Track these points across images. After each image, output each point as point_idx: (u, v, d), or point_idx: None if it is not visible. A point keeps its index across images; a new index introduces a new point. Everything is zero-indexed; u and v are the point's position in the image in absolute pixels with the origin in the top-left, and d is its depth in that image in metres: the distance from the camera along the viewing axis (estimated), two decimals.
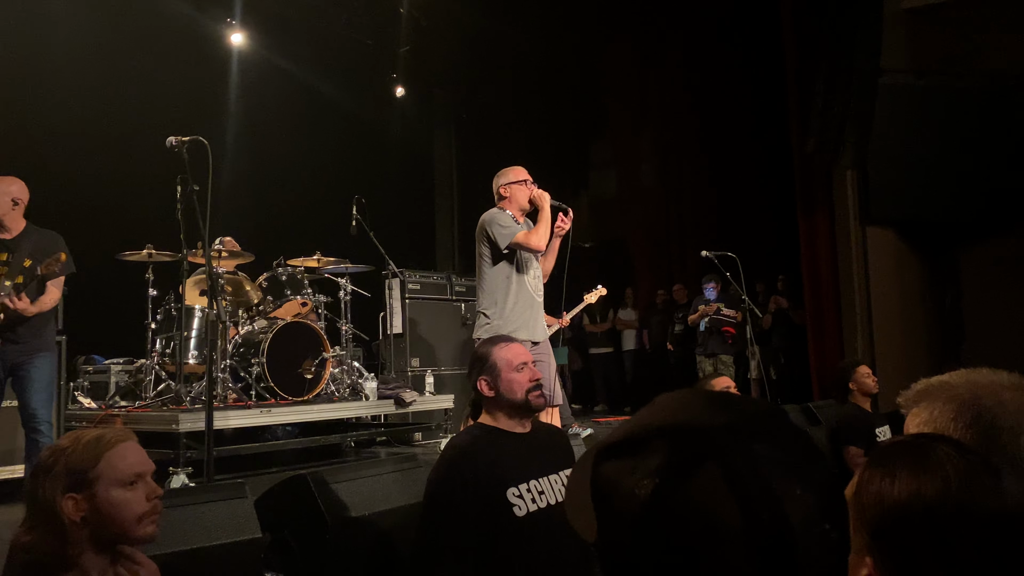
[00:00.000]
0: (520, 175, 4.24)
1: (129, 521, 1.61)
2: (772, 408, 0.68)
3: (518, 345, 2.51)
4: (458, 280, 7.79)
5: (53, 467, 1.60)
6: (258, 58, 9.31)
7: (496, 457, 2.35)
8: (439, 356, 7.34)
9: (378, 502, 2.88)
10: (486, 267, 4.08)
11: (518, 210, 4.19)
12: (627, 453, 0.64)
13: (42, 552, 1.57)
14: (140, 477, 1.65)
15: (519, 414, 2.45)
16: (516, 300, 4.03)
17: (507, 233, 4.01)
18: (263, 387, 5.64)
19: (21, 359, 4.00)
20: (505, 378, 2.41)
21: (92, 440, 1.64)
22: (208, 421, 3.31)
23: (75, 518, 1.57)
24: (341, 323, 6.62)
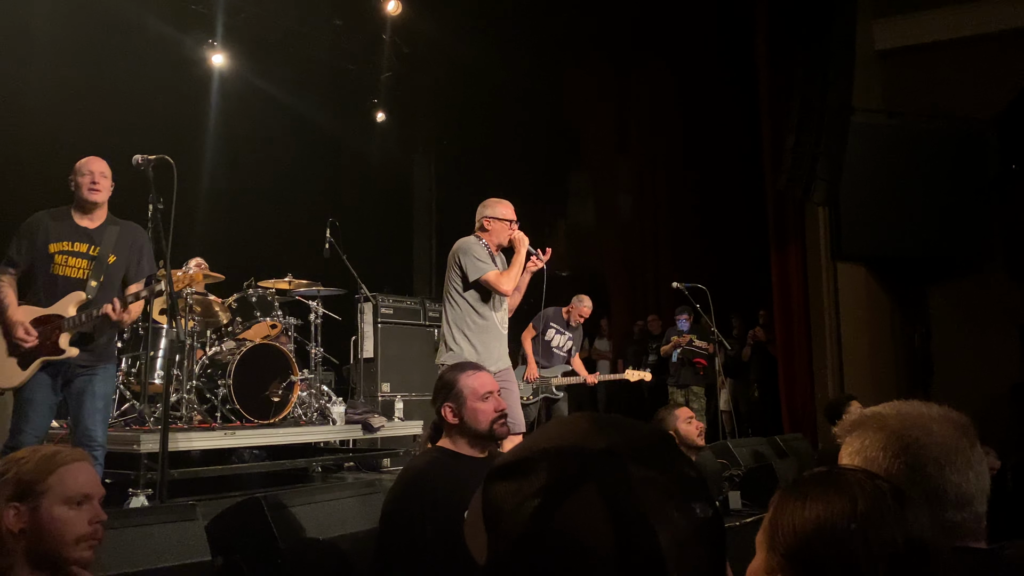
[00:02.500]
0: (507, 213, 4.18)
1: (67, 541, 1.59)
2: (658, 432, 0.69)
3: (485, 374, 2.50)
4: (432, 306, 7.79)
5: (3, 475, 1.60)
6: (239, 79, 9.34)
7: (454, 481, 2.33)
8: (410, 381, 7.31)
9: (334, 526, 2.85)
10: (454, 294, 4.06)
11: (495, 244, 4.15)
12: (514, 475, 0.65)
13: None
14: (87, 499, 1.64)
15: (482, 442, 2.45)
16: (482, 330, 4.02)
17: (480, 268, 3.97)
18: (229, 409, 5.58)
19: (80, 372, 3.60)
20: (471, 407, 2.40)
21: (48, 455, 1.65)
22: (163, 441, 3.27)
23: (13, 528, 1.56)
24: (311, 346, 6.58)
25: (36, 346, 3.47)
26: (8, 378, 3.47)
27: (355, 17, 9.21)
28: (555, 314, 6.71)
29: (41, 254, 3.54)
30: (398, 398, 6.90)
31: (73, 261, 3.57)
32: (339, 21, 9.13)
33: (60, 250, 3.56)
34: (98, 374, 3.63)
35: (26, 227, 3.61)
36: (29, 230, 3.59)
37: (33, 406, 3.46)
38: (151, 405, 5.42)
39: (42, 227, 3.58)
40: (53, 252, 3.55)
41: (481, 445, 2.45)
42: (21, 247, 3.56)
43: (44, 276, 3.54)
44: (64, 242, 3.58)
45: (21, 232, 3.60)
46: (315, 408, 6.21)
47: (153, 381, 5.63)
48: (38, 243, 3.55)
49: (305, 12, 8.93)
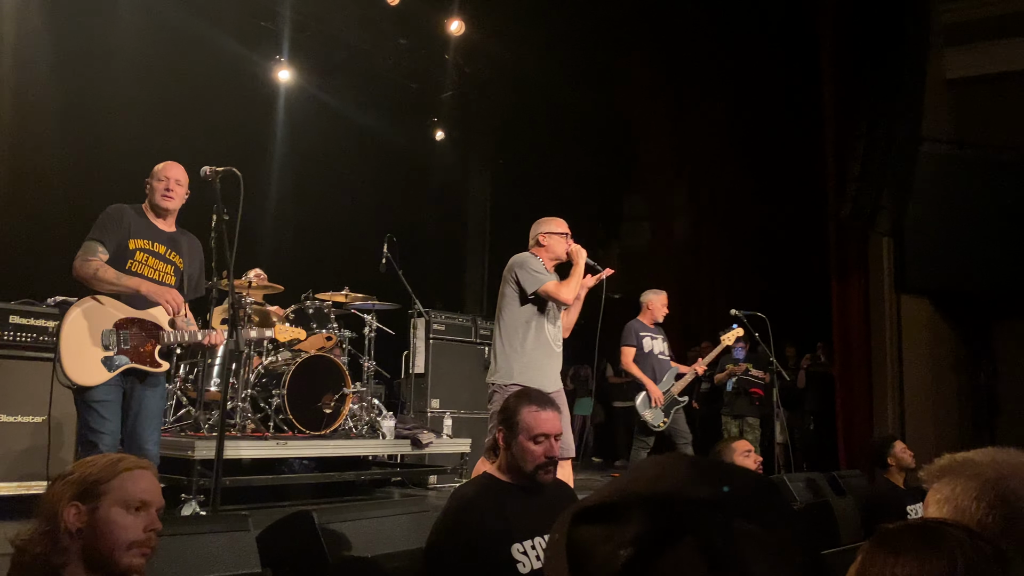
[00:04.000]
0: (561, 227, 4.23)
1: (120, 545, 1.61)
2: (761, 481, 0.65)
3: (549, 414, 2.40)
4: (483, 323, 7.78)
5: (70, 474, 1.65)
6: (303, 95, 9.54)
7: (502, 511, 2.30)
8: (459, 398, 7.31)
9: (382, 544, 2.83)
10: (508, 309, 4.04)
11: (551, 260, 4.16)
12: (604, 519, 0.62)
13: (32, 554, 1.58)
14: (145, 506, 1.66)
15: (523, 480, 2.40)
16: (534, 346, 3.98)
17: (538, 279, 3.97)
18: (282, 419, 5.64)
19: (143, 383, 3.44)
20: (520, 443, 2.36)
21: (114, 459, 1.69)
22: (219, 450, 3.30)
23: (72, 527, 1.58)
24: (364, 359, 6.63)
25: (129, 351, 3.33)
26: (90, 375, 3.30)
27: (419, 36, 9.34)
28: (638, 323, 6.30)
29: (122, 247, 3.41)
30: (447, 415, 6.89)
31: (152, 261, 3.47)
32: (403, 40, 9.26)
33: (141, 247, 3.46)
34: (158, 388, 3.54)
35: (113, 215, 3.47)
36: (115, 218, 3.45)
37: (108, 408, 3.33)
38: (206, 412, 5.51)
39: (126, 219, 3.46)
40: (134, 248, 3.44)
41: (522, 482, 2.40)
42: (108, 232, 3.40)
43: (121, 271, 3.38)
44: (144, 240, 3.47)
45: (109, 218, 3.45)
46: (366, 421, 6.25)
47: (209, 388, 5.73)
48: (122, 234, 3.42)
49: (370, 31, 9.09)
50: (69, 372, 3.27)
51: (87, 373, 3.28)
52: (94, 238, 3.38)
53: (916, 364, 7.46)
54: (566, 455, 3.93)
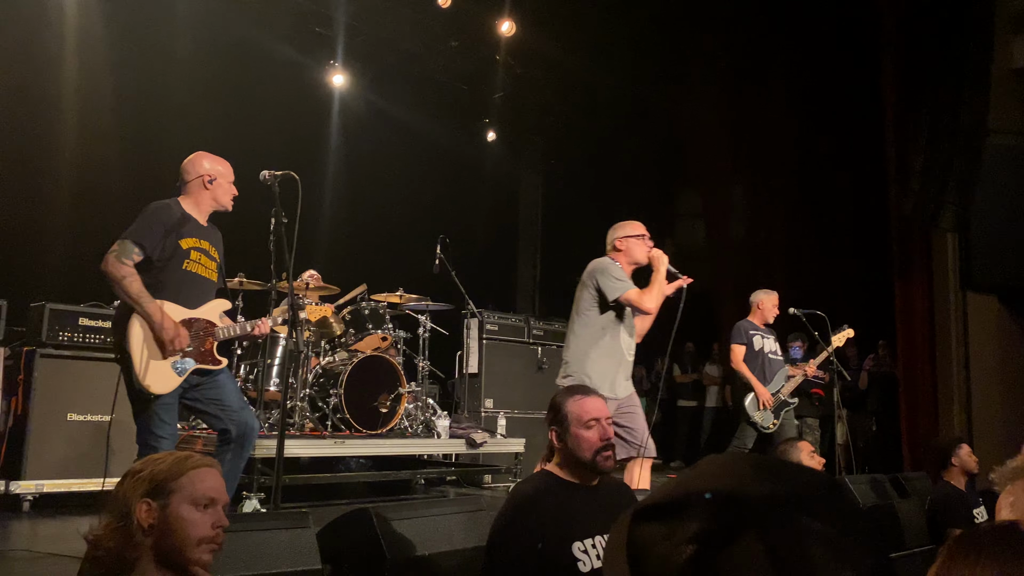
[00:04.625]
0: (639, 230, 4.18)
1: (190, 541, 1.65)
2: (827, 480, 0.63)
3: (594, 400, 2.43)
4: (536, 323, 7.79)
5: (140, 472, 1.70)
6: (357, 99, 9.68)
7: (562, 509, 2.30)
8: (513, 398, 7.32)
9: (440, 543, 2.85)
10: (583, 315, 4.01)
11: (629, 264, 4.11)
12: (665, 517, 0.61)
13: (106, 549, 1.63)
14: (213, 503, 1.70)
15: (584, 471, 2.39)
16: (607, 353, 3.96)
17: (619, 287, 3.92)
18: (339, 418, 5.73)
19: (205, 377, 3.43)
20: (573, 433, 2.36)
21: (182, 457, 1.74)
22: (280, 448, 3.37)
23: (144, 523, 1.63)
24: (418, 359, 6.69)
25: (192, 353, 3.33)
26: (164, 382, 3.29)
27: (470, 38, 9.39)
28: (747, 323, 6.09)
29: (173, 246, 3.31)
30: (501, 414, 6.92)
31: (204, 260, 3.40)
32: (455, 42, 9.32)
33: (194, 246, 3.38)
34: (224, 372, 3.51)
35: (159, 215, 3.35)
36: (160, 219, 3.33)
37: (170, 411, 3.33)
38: (266, 412, 5.63)
39: (173, 218, 3.36)
40: (187, 248, 3.36)
41: (584, 474, 2.39)
42: (154, 233, 3.28)
43: (178, 271, 3.31)
44: (194, 239, 3.40)
45: (153, 218, 3.33)
46: (421, 421, 6.30)
47: (269, 388, 5.86)
48: (171, 234, 3.31)
49: (423, 34, 9.17)
50: (144, 381, 3.24)
51: (161, 380, 3.27)
52: (132, 239, 3.27)
53: (983, 364, 7.21)
54: (649, 454, 3.90)
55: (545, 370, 7.57)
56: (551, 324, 7.91)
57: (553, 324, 7.92)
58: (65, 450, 4.99)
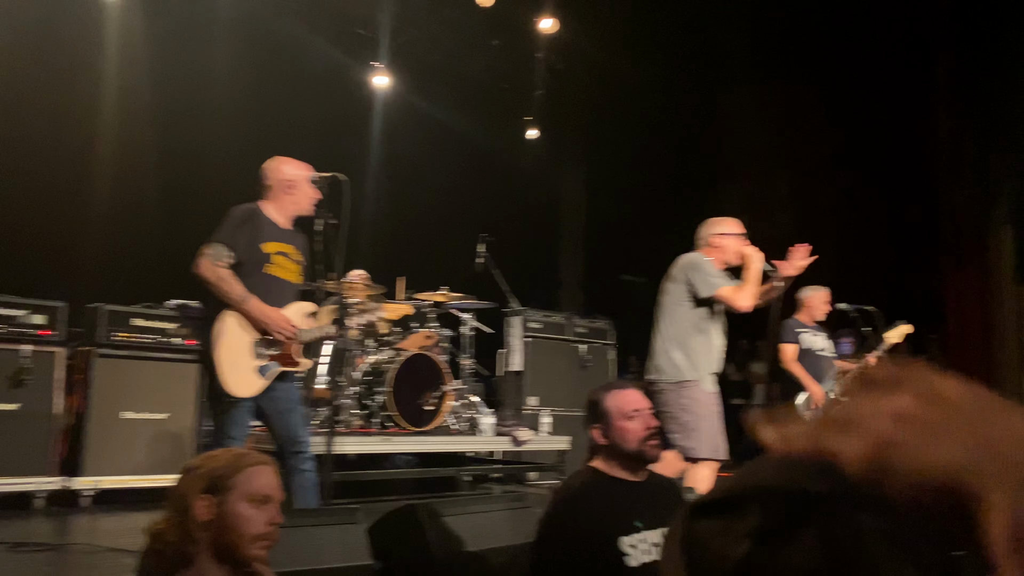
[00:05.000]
0: (735, 228, 4.16)
1: (246, 537, 1.69)
2: None
3: (632, 392, 2.45)
4: (579, 321, 7.77)
5: (198, 468, 1.75)
6: (398, 99, 9.76)
7: (610, 504, 2.30)
8: (557, 396, 7.32)
9: (486, 539, 2.88)
10: (676, 310, 3.98)
11: (722, 262, 4.08)
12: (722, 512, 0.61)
13: (167, 543, 1.68)
14: (268, 500, 1.74)
15: (633, 463, 2.39)
16: (703, 350, 3.94)
17: (714, 283, 3.90)
18: (386, 415, 5.79)
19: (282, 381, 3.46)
20: (617, 426, 2.36)
21: (238, 454, 1.79)
22: (329, 445, 3.43)
23: (202, 519, 1.68)
24: (462, 357, 6.73)
25: (276, 356, 3.37)
26: (247, 385, 3.32)
27: (510, 36, 9.40)
28: (795, 321, 5.95)
29: (255, 250, 3.35)
30: (545, 412, 6.92)
31: (285, 263, 3.44)
32: (496, 41, 9.35)
33: (277, 250, 3.43)
34: (294, 382, 3.55)
35: (243, 217, 3.40)
36: (245, 220, 3.39)
37: (243, 412, 3.37)
38: (314, 408, 5.72)
39: (256, 221, 3.41)
40: (268, 252, 3.40)
41: (633, 466, 2.39)
42: (239, 236, 3.32)
43: (258, 275, 3.34)
44: (277, 242, 3.43)
45: (236, 221, 3.38)
46: (465, 418, 6.34)
47: (316, 386, 5.94)
48: (253, 238, 3.36)
49: (464, 33, 9.21)
50: (228, 385, 3.28)
51: (244, 384, 3.31)
52: (222, 241, 3.31)
53: None
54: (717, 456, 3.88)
55: (589, 368, 7.54)
56: (594, 322, 7.88)
57: (596, 322, 7.90)
58: (121, 447, 5.13)
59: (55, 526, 4.61)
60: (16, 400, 4.85)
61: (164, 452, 5.27)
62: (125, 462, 5.14)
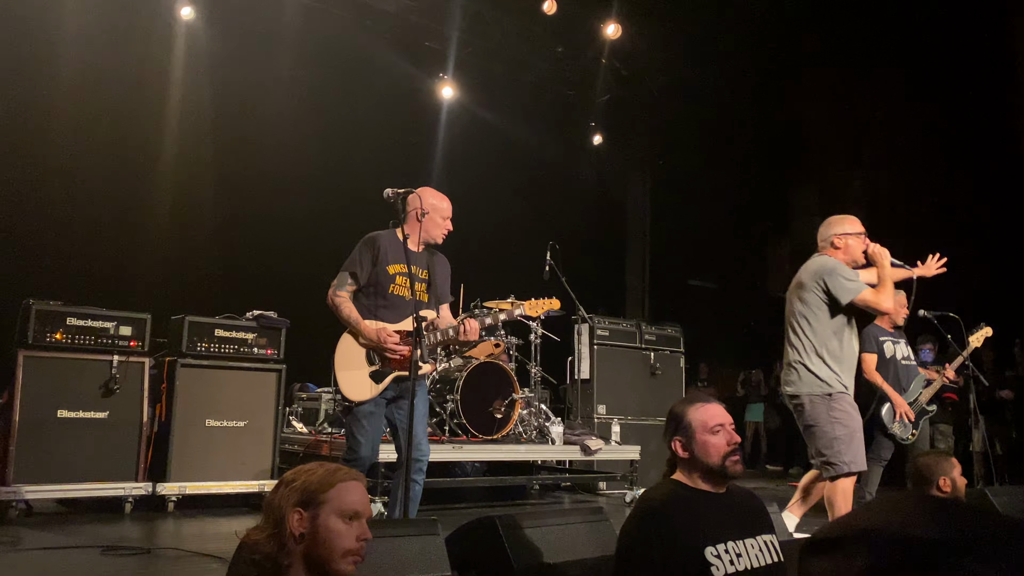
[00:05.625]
0: (858, 227, 4.00)
1: (336, 552, 1.72)
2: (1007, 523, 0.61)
3: (716, 406, 2.41)
4: (648, 328, 7.70)
5: (292, 482, 1.78)
6: (465, 108, 9.86)
7: (693, 514, 2.28)
8: (626, 404, 7.27)
9: (564, 551, 2.87)
10: (812, 318, 3.83)
11: (847, 263, 3.91)
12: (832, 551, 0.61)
13: (261, 553, 1.72)
14: (358, 516, 1.77)
15: (715, 478, 2.36)
16: (846, 356, 3.81)
17: (853, 288, 3.75)
18: (456, 423, 5.85)
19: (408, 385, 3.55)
20: (700, 440, 2.33)
21: (332, 469, 1.81)
22: (407, 454, 3.48)
23: (296, 531, 1.72)
24: (530, 365, 6.75)
25: (392, 363, 3.62)
26: (361, 391, 3.62)
27: (575, 43, 9.41)
28: (875, 327, 5.67)
29: (381, 272, 3.68)
30: (614, 421, 6.88)
31: (408, 283, 3.67)
32: (561, 48, 9.36)
33: (400, 271, 3.71)
34: (422, 389, 3.74)
35: (367, 245, 3.73)
36: (370, 248, 3.71)
37: (372, 419, 3.61)
38: None
39: (381, 247, 3.71)
40: (393, 273, 3.70)
41: (714, 481, 2.37)
42: (364, 263, 3.69)
43: (382, 294, 3.68)
44: (401, 264, 3.70)
45: (363, 248, 3.73)
46: (534, 427, 6.35)
47: None
48: (379, 262, 3.68)
49: (529, 42, 9.26)
50: (344, 390, 3.66)
51: (358, 389, 3.62)
52: (347, 269, 3.72)
53: None
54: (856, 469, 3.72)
55: (658, 376, 7.47)
56: (663, 329, 7.80)
57: (665, 329, 7.81)
58: (203, 454, 5.31)
59: (143, 530, 4.79)
60: (106, 408, 5.08)
61: (243, 459, 5.43)
62: (207, 468, 5.31)
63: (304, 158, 8.27)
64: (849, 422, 3.75)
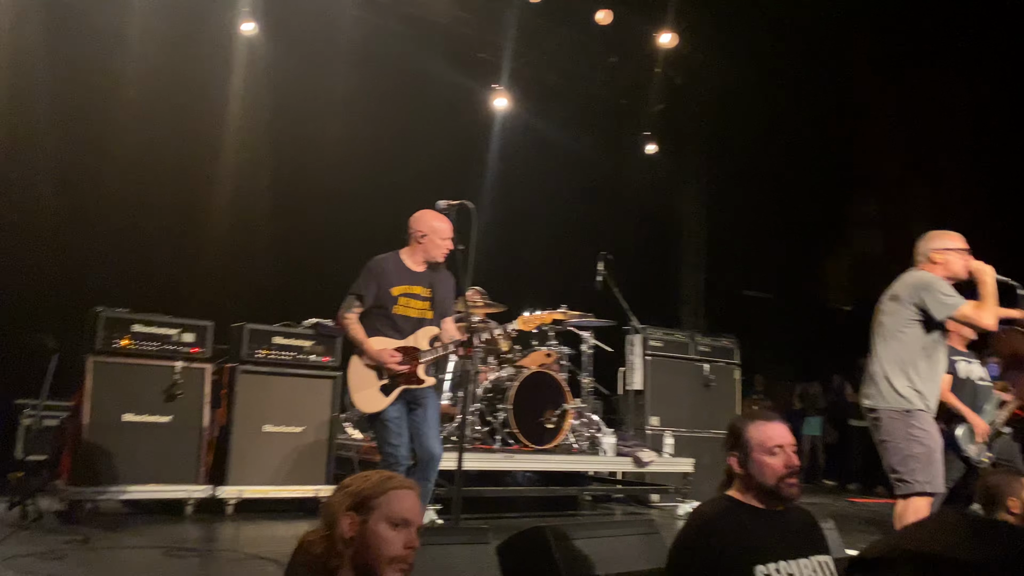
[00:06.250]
0: (959, 242, 3.95)
1: (382, 558, 1.75)
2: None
3: (777, 426, 2.36)
4: (702, 339, 7.61)
5: (348, 486, 1.83)
6: (517, 119, 9.90)
7: (745, 531, 2.26)
8: (679, 416, 7.18)
9: (615, 563, 2.87)
10: (903, 333, 3.77)
11: (946, 279, 3.84)
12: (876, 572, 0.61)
13: (314, 554, 1.77)
14: (407, 524, 1.79)
15: (768, 498, 2.33)
16: (926, 376, 3.74)
17: (951, 303, 3.68)
18: (507, 432, 5.87)
19: (422, 396, 4.06)
20: (756, 459, 2.30)
21: (386, 476, 1.85)
22: (459, 462, 3.52)
23: (346, 535, 1.75)
24: (582, 376, 6.73)
25: (399, 375, 3.96)
26: (374, 404, 3.99)
27: (629, 53, 9.40)
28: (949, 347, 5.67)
29: (385, 294, 4.00)
30: (667, 433, 6.81)
31: (413, 303, 4.03)
32: (614, 58, 9.36)
33: (403, 292, 4.02)
34: (431, 398, 4.09)
35: (371, 270, 4.06)
36: (375, 272, 4.05)
37: (397, 422, 3.98)
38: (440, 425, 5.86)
39: (385, 271, 4.04)
40: (397, 295, 4.01)
41: (768, 501, 2.34)
42: (369, 287, 4.02)
43: (387, 314, 4.01)
44: (404, 285, 4.02)
45: (367, 274, 4.06)
46: (586, 437, 6.34)
47: (441, 403, 6.09)
48: (383, 285, 4.00)
49: (582, 53, 9.28)
50: (357, 404, 4.07)
51: (370, 402, 4.00)
52: (353, 292, 4.04)
53: None
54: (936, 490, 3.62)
55: (712, 387, 7.38)
56: (718, 340, 7.70)
57: (720, 340, 7.71)
58: (261, 459, 5.43)
59: (203, 532, 4.92)
60: (169, 413, 5.23)
61: (299, 464, 5.54)
62: (264, 473, 5.43)
63: (360, 169, 8.41)
64: (928, 441, 3.66)
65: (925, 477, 3.59)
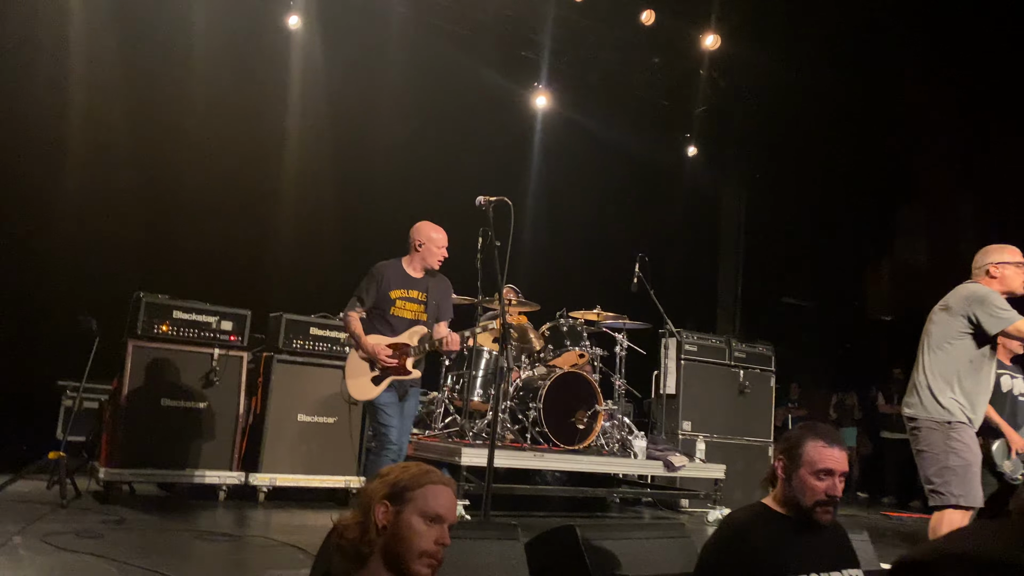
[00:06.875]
0: (1017, 256, 3.89)
1: (412, 551, 1.74)
2: None
3: (835, 451, 2.29)
4: (738, 345, 7.52)
5: (387, 475, 1.83)
6: (558, 118, 9.88)
7: (777, 541, 2.23)
8: (712, 422, 7.12)
9: (643, 566, 2.84)
10: (952, 344, 3.76)
11: (1002, 293, 3.81)
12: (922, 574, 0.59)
13: (346, 539, 1.77)
14: (440, 520, 1.78)
15: (800, 515, 2.29)
16: (972, 389, 3.72)
17: (1006, 317, 3.66)
18: (538, 431, 5.85)
19: (409, 390, 4.42)
20: (802, 476, 2.26)
21: (424, 470, 1.85)
22: (490, 459, 3.52)
23: (379, 523, 1.75)
24: (615, 378, 6.70)
25: (390, 367, 4.30)
26: (366, 392, 4.36)
27: (672, 54, 9.32)
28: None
29: (384, 297, 4.36)
30: (700, 438, 6.75)
31: (409, 306, 4.41)
32: (657, 58, 9.29)
33: (400, 296, 4.40)
34: (414, 395, 4.48)
35: (373, 275, 4.41)
36: (374, 278, 4.40)
37: (389, 408, 4.31)
38: (470, 421, 5.88)
39: (384, 276, 4.40)
40: (394, 298, 4.38)
41: (798, 518, 2.29)
42: (370, 291, 4.39)
43: (385, 315, 4.37)
44: (401, 289, 4.40)
45: (369, 279, 4.41)
46: (617, 439, 6.30)
47: (473, 399, 6.11)
48: (382, 289, 4.37)
49: (625, 52, 9.22)
50: (350, 391, 4.44)
51: (362, 391, 4.36)
52: (355, 296, 4.42)
53: None
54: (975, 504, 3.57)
55: (748, 394, 7.29)
56: (754, 346, 7.60)
57: (756, 346, 7.62)
58: (294, 448, 5.49)
59: (234, 517, 4.99)
60: (205, 399, 5.31)
61: (331, 454, 5.59)
62: (296, 462, 5.49)
63: (403, 166, 8.47)
64: (966, 454, 3.61)
65: (960, 490, 3.55)
